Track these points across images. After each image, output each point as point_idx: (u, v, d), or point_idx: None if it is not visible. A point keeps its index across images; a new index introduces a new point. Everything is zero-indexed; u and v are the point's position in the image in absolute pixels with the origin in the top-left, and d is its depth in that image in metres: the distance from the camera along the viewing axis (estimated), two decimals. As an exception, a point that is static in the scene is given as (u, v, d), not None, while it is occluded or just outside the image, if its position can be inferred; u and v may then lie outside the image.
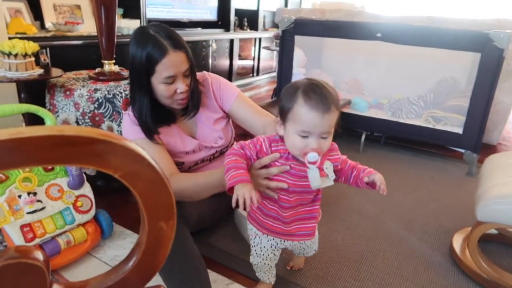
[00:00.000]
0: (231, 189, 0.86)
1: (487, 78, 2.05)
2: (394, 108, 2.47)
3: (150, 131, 1.19)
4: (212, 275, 1.25)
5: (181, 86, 1.14)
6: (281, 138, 0.94)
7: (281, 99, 0.91)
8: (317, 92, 0.85)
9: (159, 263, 0.50)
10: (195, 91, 1.23)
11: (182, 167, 1.29)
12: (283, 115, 0.90)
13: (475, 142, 2.16)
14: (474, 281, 1.30)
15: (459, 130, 2.21)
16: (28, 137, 0.36)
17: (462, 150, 2.26)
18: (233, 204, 0.84)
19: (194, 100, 1.24)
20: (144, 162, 0.43)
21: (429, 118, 2.34)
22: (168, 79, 1.12)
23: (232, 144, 1.41)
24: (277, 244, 1.06)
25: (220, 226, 1.51)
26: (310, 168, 0.88)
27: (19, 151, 0.36)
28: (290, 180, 0.94)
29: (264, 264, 1.10)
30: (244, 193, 0.82)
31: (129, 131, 1.20)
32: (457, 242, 1.46)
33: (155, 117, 1.19)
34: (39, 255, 0.43)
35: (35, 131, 0.37)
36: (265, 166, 0.95)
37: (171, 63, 1.10)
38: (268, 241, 1.05)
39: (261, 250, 1.07)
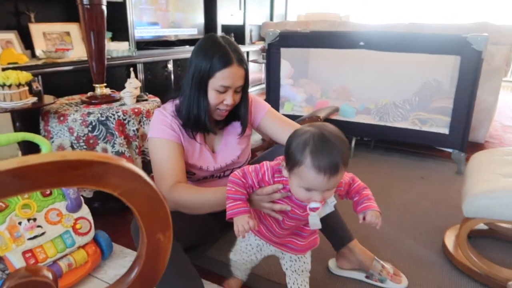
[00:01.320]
0: (231, 218, 0.92)
1: (468, 79, 2.12)
2: (381, 112, 2.53)
3: (195, 128, 1.24)
4: (213, 286, 1.28)
5: (229, 99, 1.19)
6: None
7: (289, 145, 0.88)
8: (326, 153, 0.82)
9: (159, 272, 0.53)
10: (241, 109, 1.28)
11: (191, 177, 1.32)
12: (289, 164, 0.87)
13: (461, 141, 2.23)
14: (467, 276, 1.33)
15: (445, 131, 2.27)
16: (35, 164, 0.40)
17: (450, 150, 2.33)
18: (236, 235, 0.90)
19: (237, 114, 1.29)
20: (140, 180, 0.47)
21: (415, 120, 2.41)
22: (221, 88, 1.17)
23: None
24: (263, 246, 1.07)
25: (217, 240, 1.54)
26: (311, 215, 0.90)
27: (27, 177, 0.40)
28: (290, 207, 0.95)
29: (244, 263, 1.13)
30: (243, 225, 0.88)
31: (156, 128, 1.24)
32: (449, 239, 1.50)
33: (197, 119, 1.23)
34: (48, 273, 0.47)
35: (40, 158, 0.41)
36: None
37: (231, 75, 1.16)
38: (255, 240, 1.08)
39: (246, 248, 1.09)
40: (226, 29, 4.22)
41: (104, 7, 1.70)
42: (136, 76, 2.63)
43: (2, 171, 0.39)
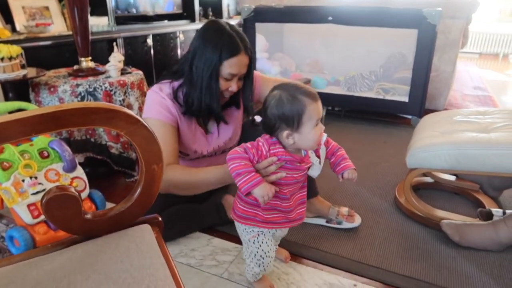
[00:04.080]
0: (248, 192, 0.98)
1: (424, 51, 2.34)
2: (349, 83, 2.74)
3: (192, 113, 1.30)
4: (196, 234, 1.49)
5: (234, 86, 1.26)
6: (279, 141, 1.01)
7: (282, 111, 0.96)
8: (305, 89, 0.98)
9: (154, 194, 0.72)
10: (243, 95, 1.36)
11: (185, 158, 1.42)
12: (295, 121, 0.96)
13: (419, 108, 2.47)
14: (411, 218, 1.58)
15: (405, 99, 2.51)
16: (66, 109, 0.58)
17: (410, 116, 2.57)
18: (262, 203, 0.98)
19: (236, 100, 1.38)
20: (139, 124, 0.65)
21: (379, 90, 2.63)
22: (229, 75, 1.22)
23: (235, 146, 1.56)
24: (275, 231, 1.13)
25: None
26: (321, 149, 1.03)
27: (61, 118, 0.58)
28: (285, 172, 1.03)
29: (270, 260, 1.13)
30: (267, 193, 0.95)
31: (152, 109, 1.28)
32: (400, 190, 1.74)
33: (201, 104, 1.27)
34: (74, 190, 0.65)
35: (69, 105, 0.58)
36: None
37: (238, 63, 1.21)
38: (269, 232, 1.11)
39: (268, 246, 1.11)
40: (204, 4, 4.27)
41: (86, -16, 1.80)
42: (117, 50, 2.72)
43: (44, 114, 0.56)
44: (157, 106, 1.28)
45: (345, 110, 2.97)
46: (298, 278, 1.27)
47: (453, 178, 1.83)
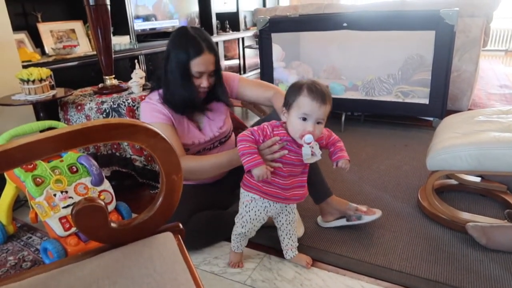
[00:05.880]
0: (249, 170, 1.14)
1: (443, 52, 2.31)
2: (367, 88, 2.73)
3: (179, 110, 1.44)
4: (219, 243, 1.52)
5: (205, 83, 1.41)
6: (281, 125, 1.19)
7: (287, 94, 1.17)
8: (318, 89, 1.12)
9: (174, 203, 0.76)
10: (218, 90, 1.49)
11: (187, 153, 1.51)
12: (289, 104, 1.15)
13: (440, 109, 2.43)
14: (435, 221, 1.56)
15: (426, 101, 2.47)
16: (91, 126, 0.62)
17: (431, 118, 2.53)
18: (256, 180, 1.14)
19: (215, 95, 1.51)
20: (158, 137, 0.69)
21: (398, 93, 2.60)
22: (197, 74, 1.38)
23: (230, 136, 1.65)
24: (269, 206, 1.26)
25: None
26: (305, 147, 1.13)
27: (87, 134, 0.62)
28: (287, 150, 1.18)
29: (252, 228, 1.30)
30: (262, 174, 1.12)
31: (148, 116, 1.43)
32: (422, 193, 1.72)
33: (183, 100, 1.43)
34: (100, 201, 0.69)
35: (94, 123, 0.63)
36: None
37: (203, 61, 1.36)
38: (263, 203, 1.26)
39: (255, 214, 1.26)
40: (221, 17, 4.37)
41: (108, 6, 1.89)
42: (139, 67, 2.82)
43: (71, 131, 0.61)
44: (151, 111, 1.43)
45: (365, 115, 2.95)
46: (321, 283, 1.27)
47: (478, 179, 1.79)
